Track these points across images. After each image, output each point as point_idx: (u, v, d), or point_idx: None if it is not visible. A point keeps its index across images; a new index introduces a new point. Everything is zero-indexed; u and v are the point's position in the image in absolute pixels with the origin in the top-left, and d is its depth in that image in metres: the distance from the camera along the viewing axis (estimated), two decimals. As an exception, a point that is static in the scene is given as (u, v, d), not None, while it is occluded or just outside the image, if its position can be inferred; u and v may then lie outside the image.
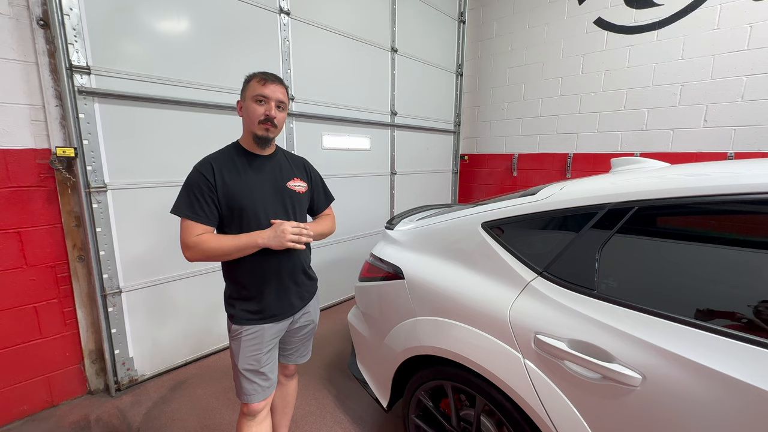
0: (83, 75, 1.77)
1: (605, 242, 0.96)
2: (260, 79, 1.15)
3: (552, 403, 0.94)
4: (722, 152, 2.79)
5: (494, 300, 1.11)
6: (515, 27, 3.88)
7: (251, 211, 1.16)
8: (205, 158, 1.18)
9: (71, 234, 1.87)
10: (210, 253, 1.10)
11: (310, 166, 1.40)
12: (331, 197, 1.46)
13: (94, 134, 1.83)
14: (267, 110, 1.14)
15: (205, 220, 1.12)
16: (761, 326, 0.72)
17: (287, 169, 1.28)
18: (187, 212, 1.11)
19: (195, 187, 1.12)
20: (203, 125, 2.23)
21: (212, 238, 1.11)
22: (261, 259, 1.17)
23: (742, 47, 2.64)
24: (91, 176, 1.83)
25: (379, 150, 3.47)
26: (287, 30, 2.55)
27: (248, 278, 1.20)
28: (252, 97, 1.15)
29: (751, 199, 0.79)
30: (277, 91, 1.16)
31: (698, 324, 0.77)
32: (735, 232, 0.87)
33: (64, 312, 1.89)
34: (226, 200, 1.14)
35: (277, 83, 1.17)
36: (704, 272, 0.85)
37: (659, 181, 0.97)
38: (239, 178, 1.16)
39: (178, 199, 1.14)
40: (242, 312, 1.21)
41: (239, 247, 1.12)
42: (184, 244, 1.11)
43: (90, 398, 1.99)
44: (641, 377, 0.80)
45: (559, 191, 1.13)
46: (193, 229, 1.10)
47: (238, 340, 1.21)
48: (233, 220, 1.16)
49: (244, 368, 1.21)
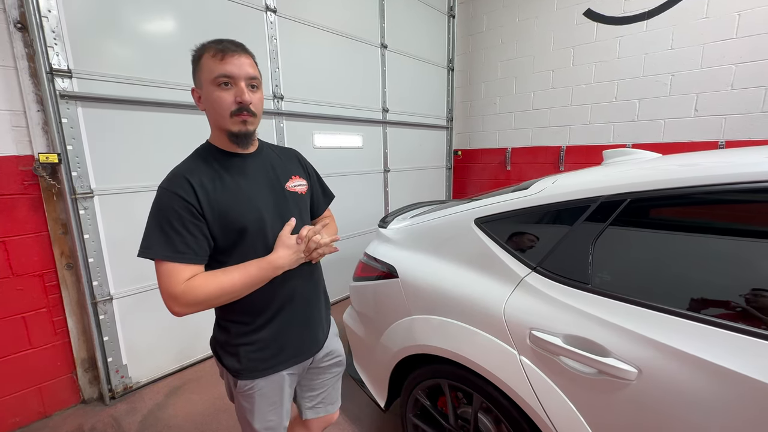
0: (64, 78, 1.72)
1: (598, 235, 0.95)
2: (215, 52, 0.82)
3: (549, 399, 0.93)
4: (713, 141, 2.80)
5: (489, 297, 1.10)
6: (505, 20, 3.86)
7: (254, 229, 0.87)
8: (175, 172, 0.86)
9: (58, 241, 1.83)
10: (211, 301, 0.81)
11: (304, 159, 1.12)
12: (330, 195, 1.19)
13: (78, 139, 1.79)
14: (238, 95, 0.82)
15: (192, 258, 0.81)
16: (756, 316, 0.72)
17: (281, 167, 1.00)
18: (165, 252, 0.79)
19: (172, 215, 0.80)
20: (192, 127, 2.18)
21: (209, 279, 0.81)
22: (275, 285, 0.91)
23: (730, 36, 2.65)
24: (77, 182, 1.79)
25: (372, 147, 3.44)
26: (274, 28, 2.52)
27: (257, 316, 0.92)
28: (211, 80, 0.82)
29: (745, 188, 0.78)
30: (243, 65, 0.83)
31: (693, 316, 0.77)
32: (728, 221, 0.86)
33: (53, 321, 1.86)
34: (218, 223, 0.84)
35: (240, 52, 0.84)
36: (698, 263, 0.84)
37: (651, 172, 0.96)
38: (228, 189, 0.87)
39: (147, 235, 0.81)
40: (251, 362, 0.92)
41: (252, 282, 0.84)
42: (169, 296, 0.79)
43: (84, 407, 1.96)
44: (637, 371, 0.79)
45: (551, 185, 1.12)
46: (178, 275, 0.79)
47: (250, 397, 0.92)
48: (232, 246, 0.87)
49: (265, 427, 0.96)
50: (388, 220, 1.67)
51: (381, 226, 1.66)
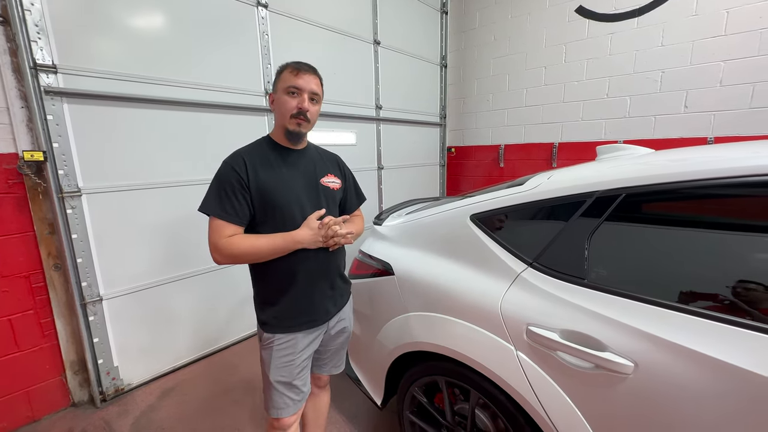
0: (49, 74, 1.67)
1: (594, 230, 0.95)
2: (293, 69, 1.08)
3: (546, 395, 0.93)
4: (702, 137, 2.84)
5: (485, 293, 1.10)
6: (497, 17, 3.86)
7: (287, 209, 1.08)
8: (237, 152, 1.10)
9: (45, 242, 1.78)
10: (243, 256, 1.03)
11: (343, 163, 1.32)
12: (363, 197, 1.38)
13: (65, 136, 1.74)
14: (299, 103, 1.07)
15: (235, 219, 1.03)
16: (752, 310, 0.73)
17: (321, 165, 1.21)
18: (217, 211, 1.02)
19: (226, 183, 1.03)
20: (186, 124, 2.15)
21: (245, 239, 1.03)
22: (297, 260, 1.09)
23: (719, 33, 2.68)
24: (64, 180, 1.75)
25: (366, 145, 3.42)
26: (266, 23, 2.48)
27: (281, 281, 1.11)
28: (284, 88, 1.07)
29: (742, 182, 0.78)
30: (311, 82, 1.08)
31: (689, 309, 0.77)
32: (722, 215, 0.86)
33: (41, 323, 1.81)
34: (260, 197, 1.05)
35: (311, 73, 1.10)
36: (693, 257, 0.85)
37: (645, 167, 0.96)
38: (273, 173, 1.08)
39: (207, 196, 1.05)
40: (274, 319, 1.11)
41: (275, 249, 1.04)
42: (214, 247, 1.02)
43: (74, 410, 1.92)
44: (634, 365, 0.80)
45: (546, 180, 1.12)
46: (223, 230, 1.02)
47: (269, 349, 1.12)
48: (266, 219, 1.08)
49: (276, 380, 1.12)
50: (383, 217, 1.66)
51: (376, 224, 1.65)
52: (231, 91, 2.34)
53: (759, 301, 0.73)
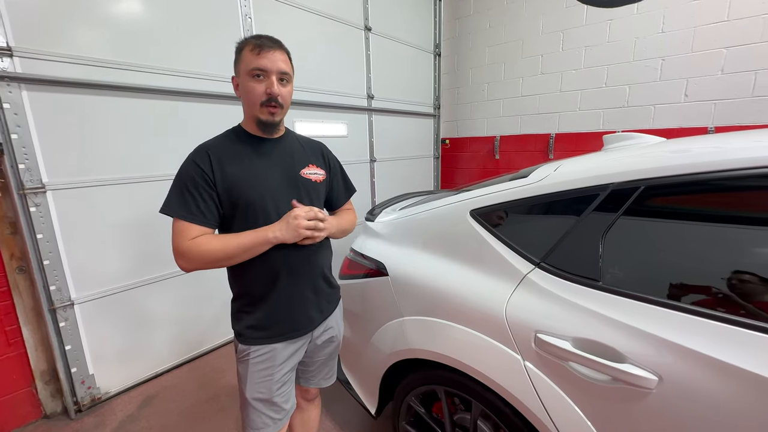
0: (4, 57, 1.51)
1: (609, 227, 0.85)
2: (254, 47, 0.92)
3: (557, 409, 0.84)
4: (702, 127, 2.77)
5: (488, 296, 1.00)
6: (493, 3, 3.73)
7: (259, 205, 0.96)
8: (201, 145, 0.98)
9: (6, 243, 1.63)
10: (209, 257, 0.90)
11: (329, 152, 1.19)
12: (352, 189, 1.26)
13: (24, 127, 1.59)
14: (268, 87, 0.93)
15: (202, 220, 0.92)
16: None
17: (300, 155, 1.08)
18: (180, 211, 0.91)
19: (188, 181, 0.92)
20: (159, 114, 2.00)
21: (211, 239, 0.92)
22: (272, 259, 0.97)
23: (722, 18, 2.59)
24: (25, 176, 1.60)
25: (357, 136, 3.29)
26: (248, 6, 2.32)
27: (256, 285, 1.00)
28: (247, 71, 0.93)
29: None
30: (277, 60, 0.94)
31: (719, 316, 0.68)
32: (759, 210, 0.77)
33: (6, 331, 1.67)
34: (228, 195, 0.94)
35: (276, 48, 0.94)
36: (725, 257, 0.75)
37: (668, 155, 0.86)
38: (242, 167, 0.97)
39: (168, 196, 0.94)
40: (249, 329, 1.01)
41: (244, 247, 0.92)
42: (177, 251, 0.91)
43: (46, 423, 1.79)
44: (657, 378, 0.71)
45: (553, 172, 1.01)
46: (187, 232, 0.90)
47: (245, 363, 1.01)
48: (238, 218, 0.97)
49: (254, 397, 1.01)
50: (376, 213, 1.55)
51: (368, 220, 1.54)
52: (212, 78, 2.19)
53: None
